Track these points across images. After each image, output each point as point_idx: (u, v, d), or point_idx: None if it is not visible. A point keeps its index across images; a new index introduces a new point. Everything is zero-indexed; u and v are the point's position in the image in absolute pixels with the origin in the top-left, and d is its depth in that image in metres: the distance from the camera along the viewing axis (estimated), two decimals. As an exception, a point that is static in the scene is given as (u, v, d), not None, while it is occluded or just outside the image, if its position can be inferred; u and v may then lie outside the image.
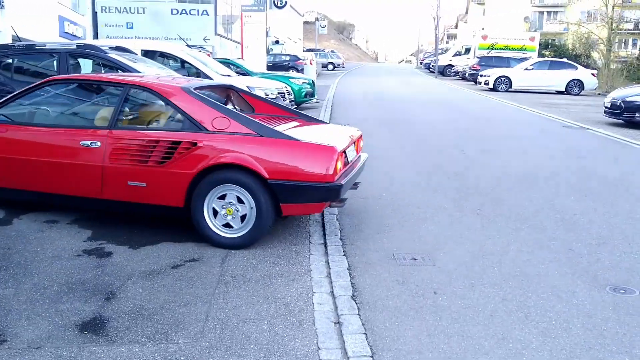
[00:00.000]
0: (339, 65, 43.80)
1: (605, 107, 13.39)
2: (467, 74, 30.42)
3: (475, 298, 3.61)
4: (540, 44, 36.48)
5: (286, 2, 30.43)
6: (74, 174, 4.59)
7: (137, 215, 4.89)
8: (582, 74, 24.30)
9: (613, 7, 33.62)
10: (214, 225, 4.37)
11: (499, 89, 23.71)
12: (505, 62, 27.79)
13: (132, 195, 4.48)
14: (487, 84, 24.23)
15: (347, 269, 4.04)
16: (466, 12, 71.78)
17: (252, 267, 4.02)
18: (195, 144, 4.30)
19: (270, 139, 4.31)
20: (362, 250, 4.43)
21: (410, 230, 4.98)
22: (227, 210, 4.33)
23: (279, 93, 10.16)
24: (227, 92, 5.74)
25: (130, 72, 6.87)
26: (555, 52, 37.18)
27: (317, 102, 16.26)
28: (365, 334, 3.11)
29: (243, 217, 4.33)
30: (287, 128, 4.78)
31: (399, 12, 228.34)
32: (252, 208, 4.27)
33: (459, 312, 3.40)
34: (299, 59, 27.70)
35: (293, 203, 4.31)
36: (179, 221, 4.71)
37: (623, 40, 45.51)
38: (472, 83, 27.87)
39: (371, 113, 14.50)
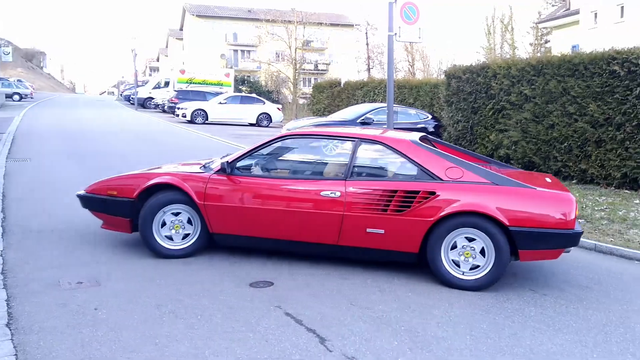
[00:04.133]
0: (27, 95, 40.02)
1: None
2: (166, 107, 31.07)
3: (131, 309, 3.99)
4: (236, 80, 39.30)
5: (-45, 23, 26.73)
6: (314, 222, 4.82)
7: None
8: (270, 108, 27.15)
9: (296, 50, 38.37)
10: (452, 269, 4.61)
11: (196, 121, 24.86)
12: (201, 95, 29.26)
13: (369, 242, 4.76)
14: (185, 117, 25.19)
15: (6, 300, 4.01)
16: (166, 46, 73.03)
17: None
18: (433, 193, 4.57)
19: (507, 187, 4.60)
20: (25, 281, 4.42)
21: (77, 254, 5.13)
22: (465, 254, 4.58)
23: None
24: (424, 141, 5.50)
25: None
26: (251, 88, 40.39)
27: (-6, 136, 14.77)
28: (16, 355, 3.21)
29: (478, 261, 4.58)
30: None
31: (98, 41, 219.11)
32: (491, 254, 4.51)
33: (116, 322, 3.74)
34: (-26, 88, 24.53)
35: (532, 249, 4.54)
36: None
37: (307, 79, 52.05)
38: (172, 115, 28.60)
39: (62, 146, 13.86)
